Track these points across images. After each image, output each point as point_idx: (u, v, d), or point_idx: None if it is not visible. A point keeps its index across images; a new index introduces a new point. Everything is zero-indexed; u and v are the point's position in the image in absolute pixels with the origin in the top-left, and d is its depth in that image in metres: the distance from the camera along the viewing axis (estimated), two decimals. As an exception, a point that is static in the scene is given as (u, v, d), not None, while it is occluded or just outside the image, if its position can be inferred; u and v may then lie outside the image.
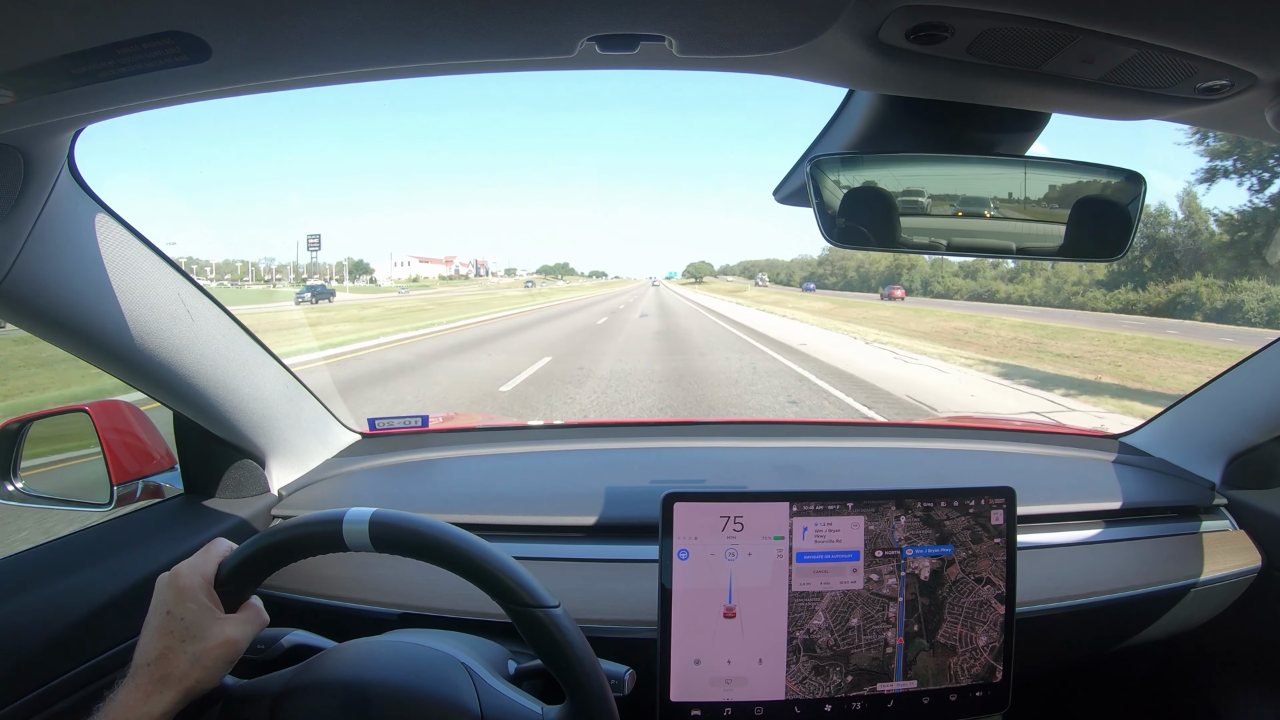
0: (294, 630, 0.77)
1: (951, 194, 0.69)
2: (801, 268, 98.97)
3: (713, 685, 0.83)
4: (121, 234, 0.79)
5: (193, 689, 0.60)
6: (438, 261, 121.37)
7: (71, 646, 0.80)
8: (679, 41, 0.52)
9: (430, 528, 0.64)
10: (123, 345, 0.82)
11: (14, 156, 0.63)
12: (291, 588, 0.96)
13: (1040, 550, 1.05)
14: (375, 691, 0.65)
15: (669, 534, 0.82)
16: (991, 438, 1.40)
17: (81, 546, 0.91)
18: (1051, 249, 0.70)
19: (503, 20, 0.49)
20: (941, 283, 56.21)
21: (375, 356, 10.45)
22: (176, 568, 0.64)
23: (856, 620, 0.84)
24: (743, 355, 11.13)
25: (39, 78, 0.51)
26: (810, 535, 0.84)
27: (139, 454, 1.01)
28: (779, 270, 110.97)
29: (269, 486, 1.10)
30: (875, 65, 0.56)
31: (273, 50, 0.51)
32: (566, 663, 0.63)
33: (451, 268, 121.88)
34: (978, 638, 0.87)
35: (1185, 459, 1.23)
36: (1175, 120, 0.66)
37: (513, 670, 0.76)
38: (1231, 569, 1.09)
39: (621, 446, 1.36)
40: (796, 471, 1.21)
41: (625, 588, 0.94)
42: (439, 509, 1.03)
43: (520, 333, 15.59)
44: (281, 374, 1.09)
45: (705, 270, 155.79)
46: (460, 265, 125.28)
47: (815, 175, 0.68)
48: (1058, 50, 0.52)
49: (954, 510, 0.86)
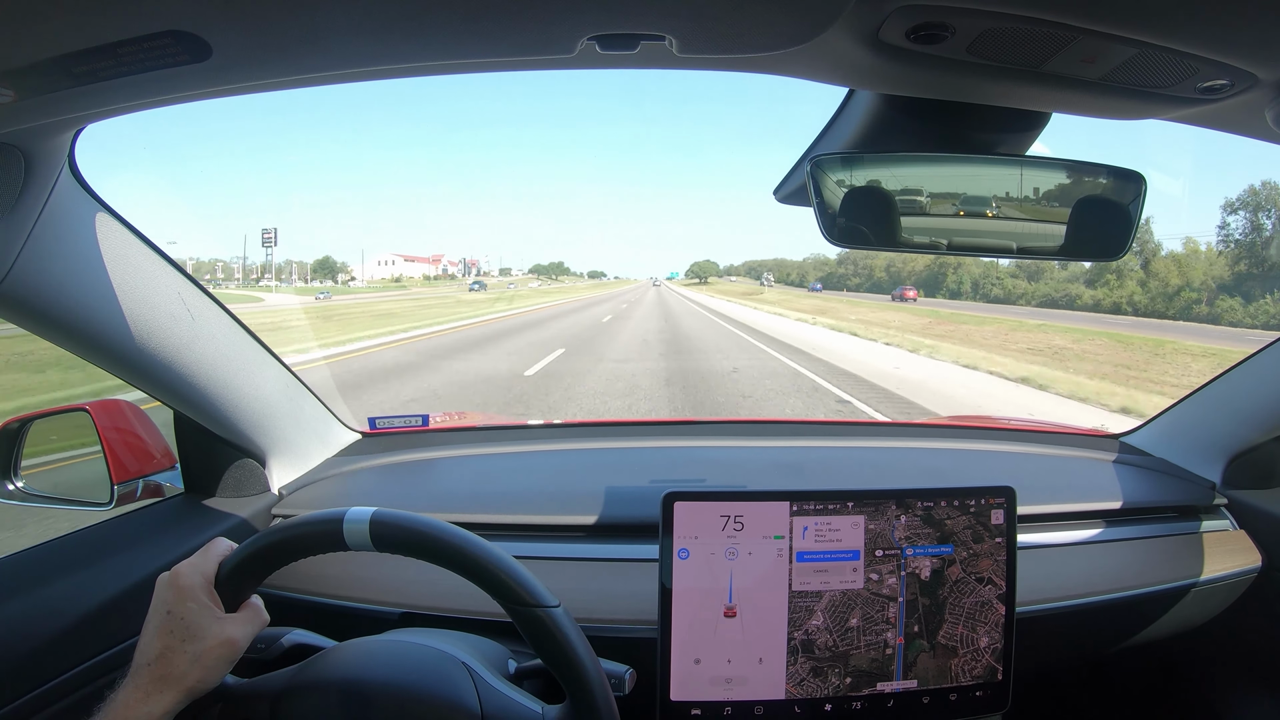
0: (294, 630, 0.77)
1: (952, 193, 0.69)
2: (816, 268, 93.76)
3: (713, 685, 0.83)
4: (122, 233, 0.79)
5: (193, 688, 0.60)
6: (424, 260, 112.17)
7: (72, 646, 0.80)
8: (679, 41, 0.52)
9: (431, 527, 0.64)
10: (123, 344, 0.82)
11: (14, 156, 0.63)
12: (292, 587, 0.96)
13: (1040, 550, 1.05)
14: (376, 691, 0.65)
15: (669, 533, 0.82)
16: (992, 437, 1.40)
17: (82, 546, 0.91)
18: (1052, 249, 0.70)
19: (503, 20, 0.49)
20: (1000, 285, 49.69)
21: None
22: (177, 567, 0.64)
23: (856, 621, 0.84)
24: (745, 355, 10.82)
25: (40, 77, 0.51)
26: (810, 535, 0.84)
27: (139, 453, 1.01)
28: (789, 270, 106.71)
29: (269, 486, 1.10)
30: (876, 65, 0.56)
31: (273, 49, 0.52)
32: (567, 662, 0.63)
33: (439, 266, 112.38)
34: (979, 639, 0.87)
35: (1185, 459, 1.23)
36: (1176, 120, 0.66)
37: (513, 670, 0.76)
38: (1231, 569, 1.09)
39: (621, 446, 1.37)
40: (796, 471, 1.21)
41: (625, 587, 0.94)
42: (439, 508, 1.03)
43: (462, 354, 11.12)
44: (282, 373, 1.09)
45: (710, 270, 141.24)
46: (449, 264, 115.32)
47: (815, 175, 0.68)
48: (1058, 50, 0.52)
49: (954, 510, 0.86)
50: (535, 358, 10.32)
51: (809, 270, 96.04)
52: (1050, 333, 17.73)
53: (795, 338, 15.29)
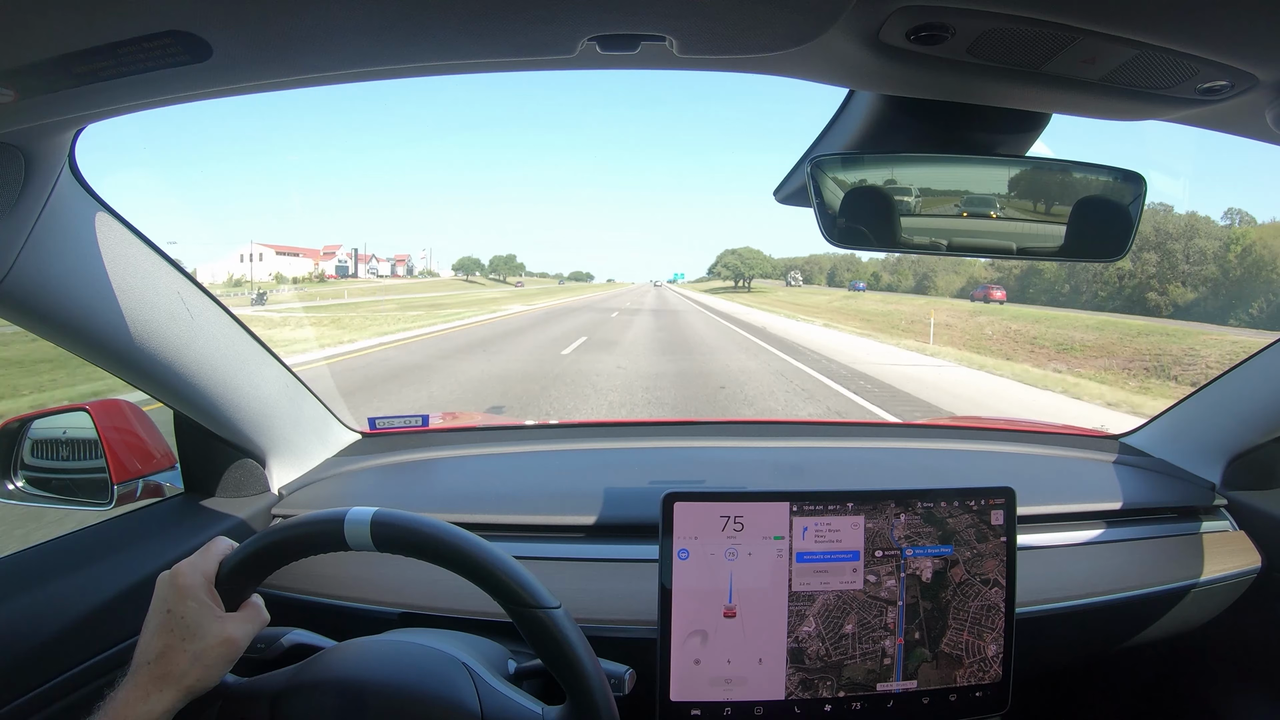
0: (294, 629, 0.77)
1: (952, 194, 0.69)
2: (848, 263, 79.49)
3: (712, 685, 0.83)
4: (122, 233, 0.79)
5: (193, 687, 0.60)
6: (312, 254, 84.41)
7: (72, 645, 0.80)
8: (679, 41, 0.52)
9: (432, 528, 0.64)
10: (123, 344, 0.82)
11: (15, 155, 0.63)
12: (292, 587, 0.96)
13: (1041, 551, 1.05)
14: (375, 691, 0.65)
15: (669, 534, 0.83)
16: (992, 438, 1.40)
17: (82, 545, 0.91)
18: (1052, 249, 0.70)
19: (503, 20, 0.49)
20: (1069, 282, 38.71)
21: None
22: (177, 566, 0.64)
23: (851, 627, 0.84)
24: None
25: (40, 77, 0.51)
26: (810, 535, 0.84)
27: (139, 453, 1.01)
28: (822, 266, 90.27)
29: (269, 486, 1.10)
30: (876, 65, 0.56)
31: (274, 50, 0.52)
32: (567, 663, 0.63)
33: (333, 261, 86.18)
34: (986, 646, 0.86)
35: (1185, 460, 1.23)
36: (1176, 121, 0.66)
37: (513, 670, 0.76)
38: (1231, 570, 1.09)
39: (621, 446, 1.37)
40: (796, 471, 1.21)
41: (625, 587, 0.95)
42: (439, 508, 1.03)
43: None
44: (282, 373, 1.09)
45: (757, 262, 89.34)
46: (344, 257, 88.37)
47: (816, 175, 0.68)
48: (1058, 51, 0.52)
49: (956, 509, 0.86)
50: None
51: (839, 265, 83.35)
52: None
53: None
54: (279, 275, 71.95)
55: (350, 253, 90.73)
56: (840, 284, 74.55)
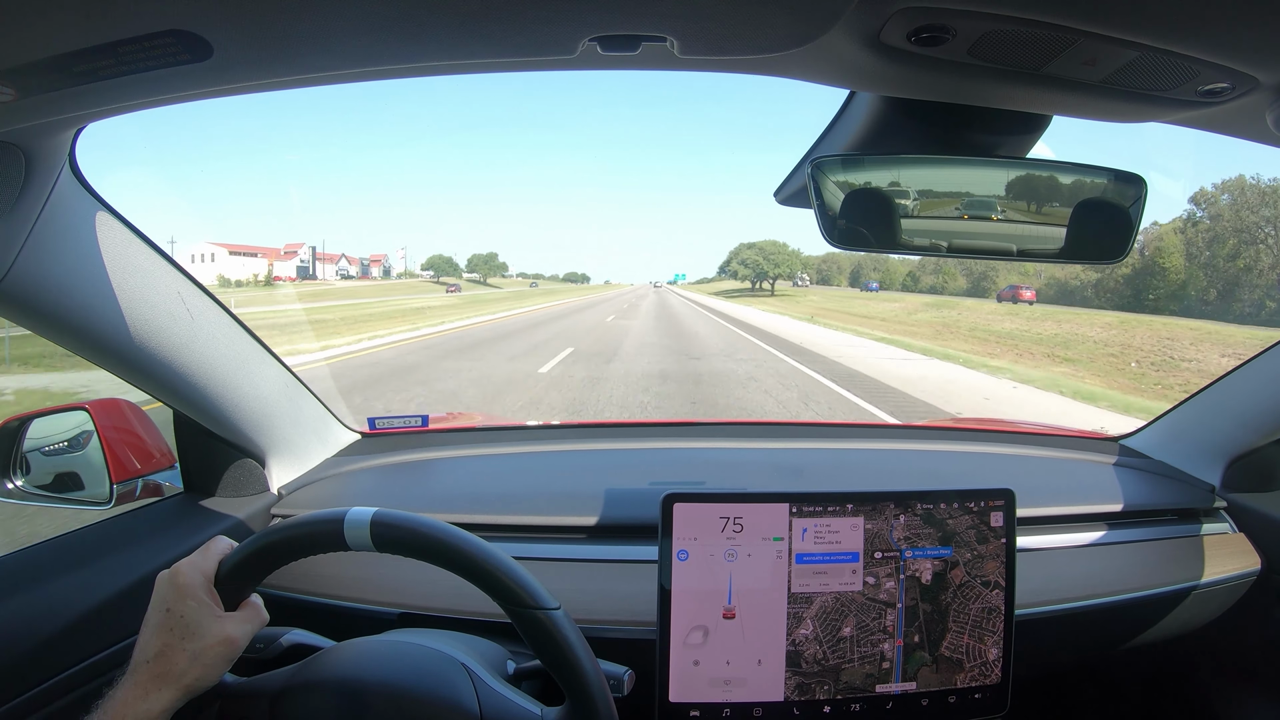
0: (293, 629, 0.77)
1: (953, 195, 0.69)
2: (905, 266, 64.25)
3: (712, 686, 0.83)
4: (122, 232, 0.79)
5: (192, 687, 0.60)
6: (271, 253, 74.10)
7: (71, 644, 0.80)
8: (680, 42, 0.52)
9: (432, 528, 0.64)
10: (123, 344, 0.82)
11: (15, 154, 0.63)
12: (291, 587, 0.96)
13: (1041, 552, 1.05)
14: (374, 691, 0.65)
15: (668, 534, 0.82)
16: (992, 440, 1.40)
17: (81, 544, 0.91)
18: (1052, 251, 0.70)
19: (504, 21, 0.49)
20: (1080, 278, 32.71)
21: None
22: (176, 565, 0.64)
23: (849, 630, 0.84)
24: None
25: (41, 76, 0.51)
26: (810, 536, 0.84)
27: (139, 452, 1.01)
28: (832, 264, 79.59)
29: (269, 485, 1.10)
30: (876, 67, 0.56)
31: (274, 49, 0.52)
32: (566, 664, 0.63)
33: (293, 261, 75.42)
34: (987, 650, 0.85)
35: (1185, 462, 1.23)
36: (1176, 123, 0.66)
37: (512, 670, 0.76)
38: (1231, 572, 1.09)
39: (621, 447, 1.37)
40: (796, 473, 1.21)
41: (625, 588, 0.94)
42: (439, 509, 1.03)
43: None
44: (281, 373, 1.09)
45: (783, 259, 72.61)
46: (304, 256, 76.93)
47: (816, 176, 0.68)
48: (1059, 52, 0.52)
49: (956, 510, 0.86)
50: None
51: (863, 263, 71.30)
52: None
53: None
54: (222, 278, 62.42)
55: (310, 251, 79.35)
56: (858, 284, 67.05)
